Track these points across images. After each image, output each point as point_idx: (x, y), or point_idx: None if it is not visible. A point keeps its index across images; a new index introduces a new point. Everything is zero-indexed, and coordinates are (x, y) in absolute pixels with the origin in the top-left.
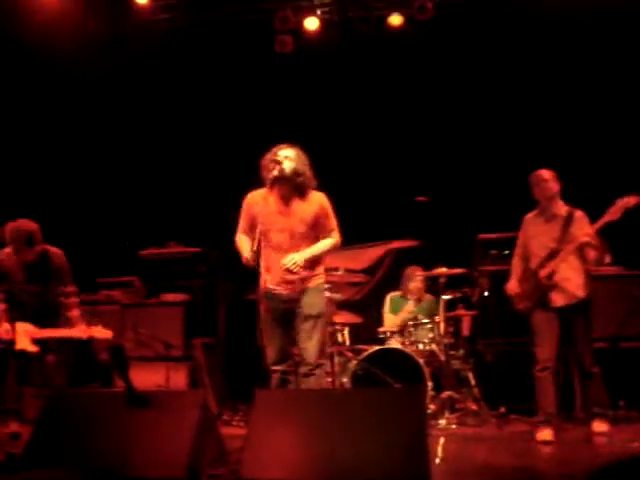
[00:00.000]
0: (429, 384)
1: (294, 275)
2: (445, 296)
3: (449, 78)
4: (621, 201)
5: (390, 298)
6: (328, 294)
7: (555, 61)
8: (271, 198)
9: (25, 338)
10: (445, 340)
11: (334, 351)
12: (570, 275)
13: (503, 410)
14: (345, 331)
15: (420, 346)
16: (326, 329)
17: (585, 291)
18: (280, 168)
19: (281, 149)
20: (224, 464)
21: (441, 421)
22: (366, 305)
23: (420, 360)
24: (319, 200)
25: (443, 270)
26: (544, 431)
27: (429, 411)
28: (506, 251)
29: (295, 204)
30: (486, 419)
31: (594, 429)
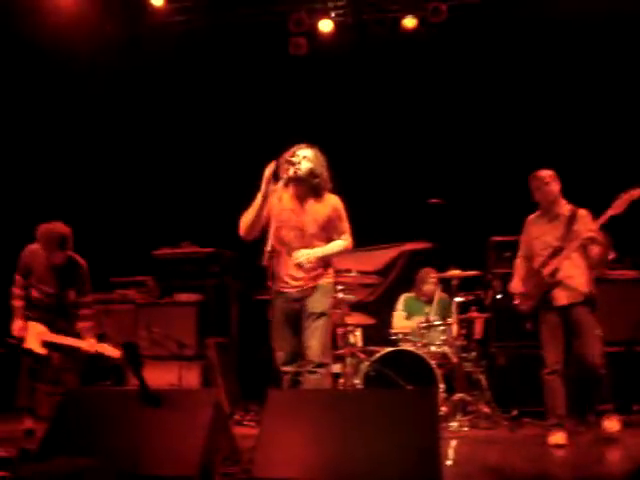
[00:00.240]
0: (441, 386)
1: (303, 272)
2: (458, 298)
3: (463, 80)
4: (626, 194)
5: (404, 299)
6: (341, 295)
7: (570, 63)
8: (285, 195)
9: (35, 339)
10: (457, 342)
11: (346, 352)
12: (573, 273)
13: (515, 413)
14: (357, 332)
15: (432, 348)
16: (331, 329)
17: (589, 288)
18: (295, 169)
19: (300, 148)
20: (236, 463)
21: (453, 424)
22: (379, 307)
23: (432, 362)
24: (333, 203)
25: (456, 272)
26: (556, 435)
27: (441, 413)
28: None
29: (309, 204)
30: (498, 422)
31: (606, 429)
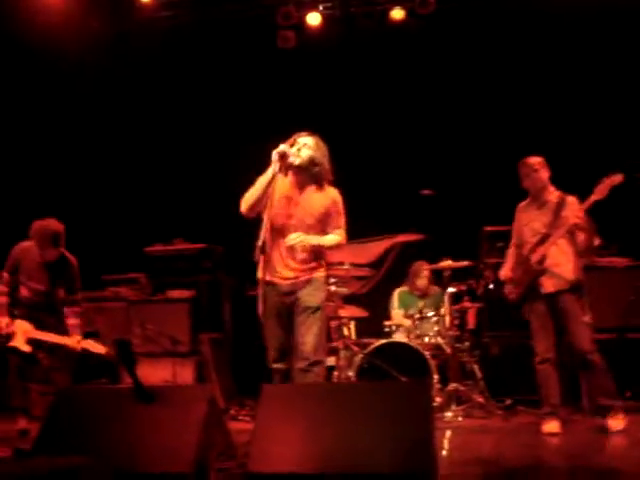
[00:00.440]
0: (435, 377)
1: (295, 263)
2: (450, 289)
3: (452, 71)
4: (607, 179)
5: (398, 294)
6: (334, 288)
7: (559, 55)
8: (285, 182)
9: (21, 337)
10: (451, 333)
11: (340, 345)
12: (560, 260)
13: (509, 402)
14: (351, 325)
15: (426, 339)
16: (326, 324)
17: (575, 275)
18: (295, 156)
19: (301, 136)
20: (232, 458)
21: (447, 414)
22: (372, 299)
23: (426, 353)
24: (333, 195)
25: (448, 263)
26: (550, 423)
27: (435, 404)
28: None
29: (308, 193)
30: (492, 411)
31: (611, 428)
